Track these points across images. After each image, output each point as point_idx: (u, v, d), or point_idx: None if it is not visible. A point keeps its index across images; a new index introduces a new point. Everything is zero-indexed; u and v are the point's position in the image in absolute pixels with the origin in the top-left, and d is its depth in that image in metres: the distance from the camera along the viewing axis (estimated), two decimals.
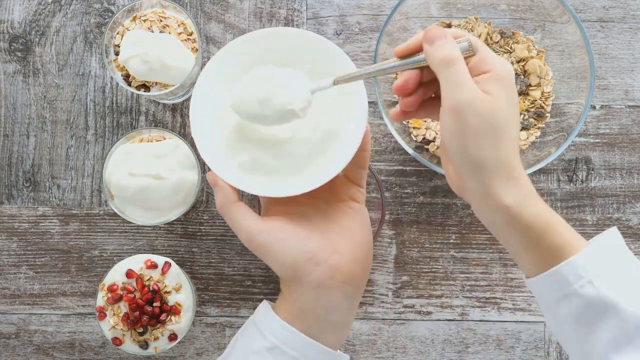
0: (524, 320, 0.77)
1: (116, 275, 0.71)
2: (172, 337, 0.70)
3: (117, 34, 0.72)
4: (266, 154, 0.57)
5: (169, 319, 0.70)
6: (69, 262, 0.77)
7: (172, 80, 0.71)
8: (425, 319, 0.77)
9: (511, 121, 0.49)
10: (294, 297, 0.53)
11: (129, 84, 0.72)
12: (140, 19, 0.72)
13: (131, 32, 0.71)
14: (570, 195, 0.78)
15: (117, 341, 0.70)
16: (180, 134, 0.76)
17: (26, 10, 0.79)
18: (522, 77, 0.76)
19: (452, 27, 0.77)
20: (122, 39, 0.71)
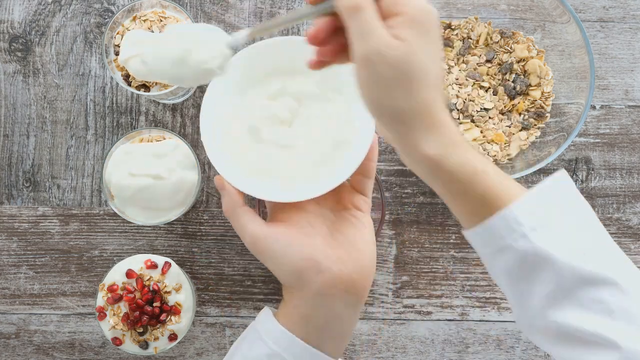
0: None
1: (116, 275, 0.71)
2: (172, 337, 0.70)
3: (117, 34, 0.72)
4: (274, 159, 0.58)
5: (169, 319, 0.70)
6: (69, 262, 0.77)
7: None
8: (425, 319, 0.77)
9: (428, 68, 0.45)
10: (294, 304, 0.53)
11: (129, 84, 0.72)
12: (140, 19, 0.72)
13: (131, 32, 0.71)
14: None
15: (117, 341, 0.70)
16: (180, 134, 0.76)
17: (26, 10, 0.79)
18: (522, 77, 0.76)
19: (453, 27, 0.78)
20: (122, 39, 0.71)
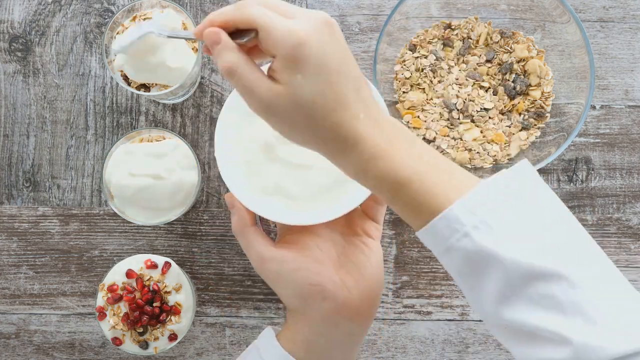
0: None
1: (116, 275, 0.71)
2: (172, 337, 0.70)
3: (117, 34, 0.72)
4: (286, 180, 0.58)
5: (169, 319, 0.70)
6: (69, 262, 0.77)
7: (172, 80, 0.71)
8: (425, 319, 0.77)
9: (320, 97, 0.43)
10: (297, 328, 0.53)
11: (129, 84, 0.72)
12: (140, 19, 0.72)
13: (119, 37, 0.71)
14: (570, 195, 0.78)
15: (117, 341, 0.70)
16: (180, 134, 0.76)
17: (26, 10, 0.79)
18: (522, 77, 0.76)
19: (453, 27, 0.78)
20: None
